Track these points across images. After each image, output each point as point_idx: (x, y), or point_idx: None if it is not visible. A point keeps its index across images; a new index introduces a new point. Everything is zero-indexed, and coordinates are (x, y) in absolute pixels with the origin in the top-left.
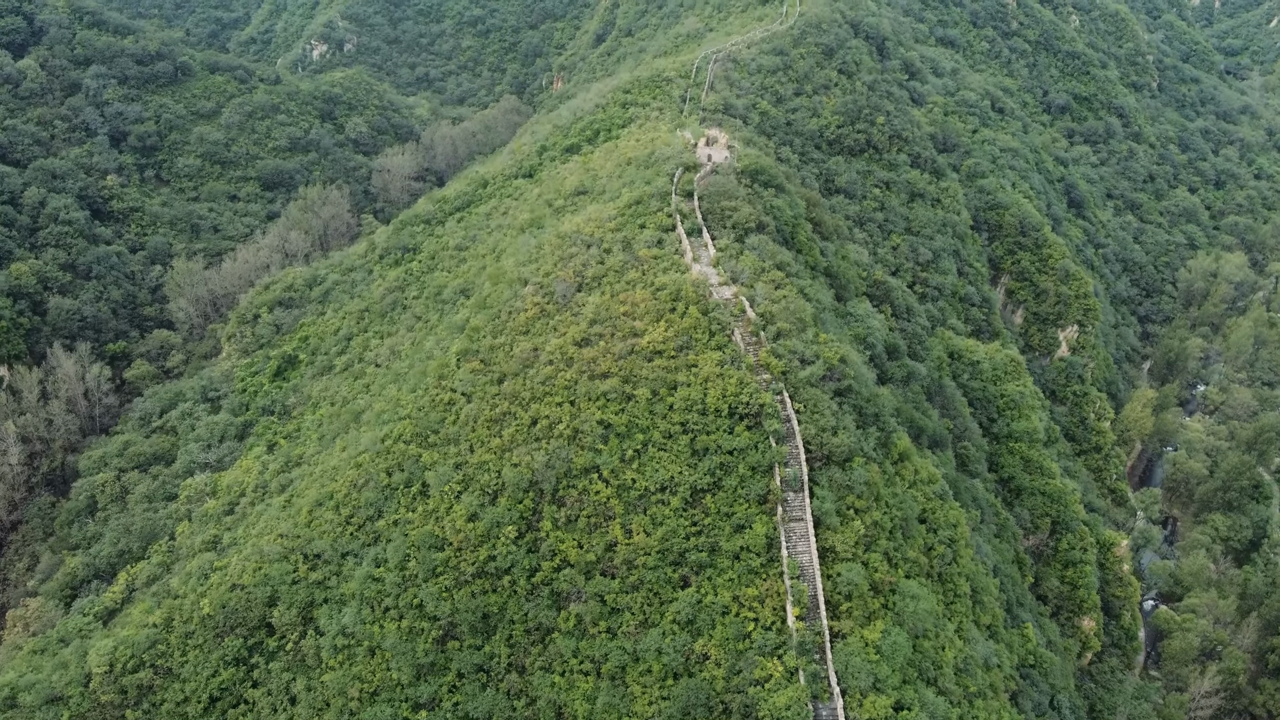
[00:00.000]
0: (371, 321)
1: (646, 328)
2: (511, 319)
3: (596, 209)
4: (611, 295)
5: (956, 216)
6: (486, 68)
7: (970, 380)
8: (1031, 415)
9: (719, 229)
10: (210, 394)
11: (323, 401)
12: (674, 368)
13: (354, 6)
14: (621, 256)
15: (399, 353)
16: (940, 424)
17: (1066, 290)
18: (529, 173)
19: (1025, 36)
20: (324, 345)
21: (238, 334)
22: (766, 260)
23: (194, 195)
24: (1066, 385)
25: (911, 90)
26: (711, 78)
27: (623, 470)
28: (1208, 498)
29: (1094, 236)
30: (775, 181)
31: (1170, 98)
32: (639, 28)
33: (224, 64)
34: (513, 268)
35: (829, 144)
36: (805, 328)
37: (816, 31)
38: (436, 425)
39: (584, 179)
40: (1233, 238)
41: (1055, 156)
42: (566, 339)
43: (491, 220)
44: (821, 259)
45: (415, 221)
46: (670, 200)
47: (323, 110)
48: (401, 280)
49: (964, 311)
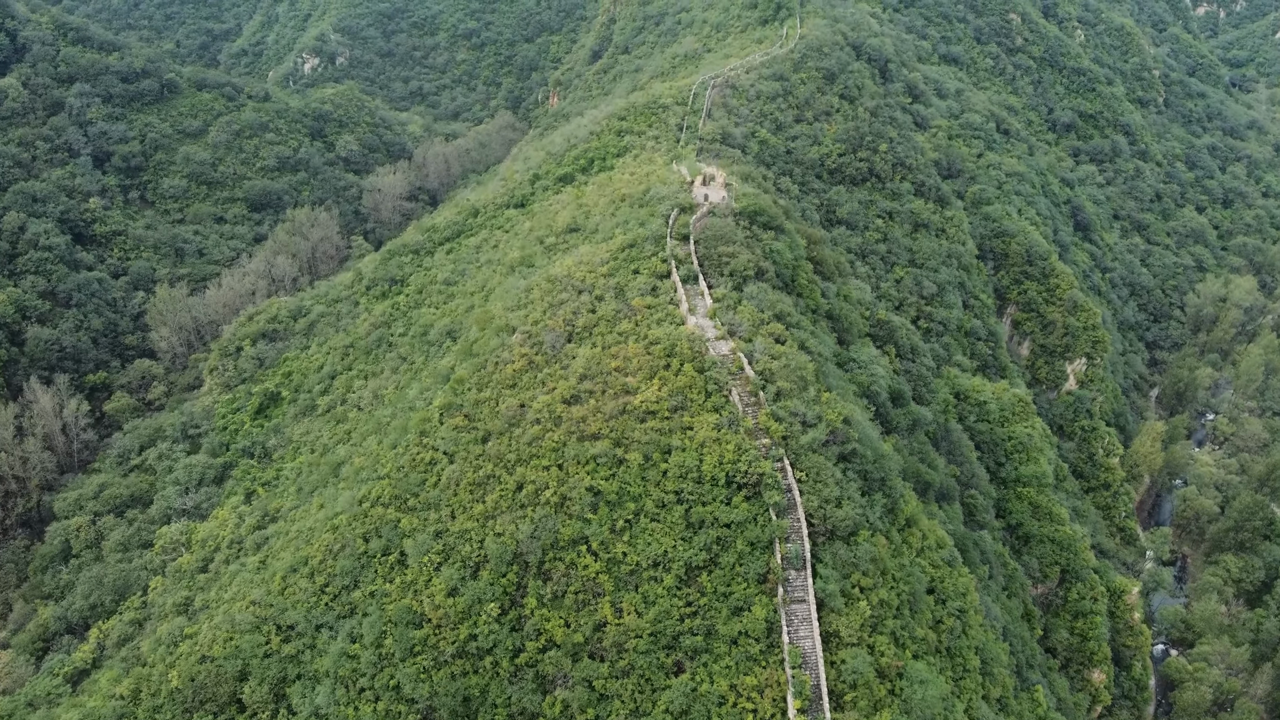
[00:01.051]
0: (356, 359)
1: (639, 385)
2: (498, 370)
3: (589, 250)
4: (603, 348)
5: (962, 247)
6: (481, 81)
7: (977, 422)
8: (1040, 458)
9: (716, 276)
10: (190, 431)
11: (303, 446)
12: (668, 430)
13: (347, 19)
14: (614, 305)
15: (382, 397)
16: (947, 474)
17: (1074, 322)
18: (521, 202)
19: (1030, 53)
20: (307, 383)
21: (220, 367)
22: (765, 310)
23: (179, 217)
24: (1074, 420)
25: (915, 114)
26: (709, 104)
27: (613, 543)
28: (1219, 537)
29: (1101, 261)
30: (775, 223)
31: (1177, 113)
32: (636, 45)
33: (211, 81)
34: (501, 313)
35: (830, 173)
36: (807, 386)
37: (817, 55)
38: (416, 487)
39: (576, 215)
40: (1241, 259)
41: (1061, 178)
42: (555, 396)
43: (481, 254)
44: (823, 301)
45: (403, 251)
46: (665, 244)
47: (313, 128)
48: (388, 315)
49: (970, 346)
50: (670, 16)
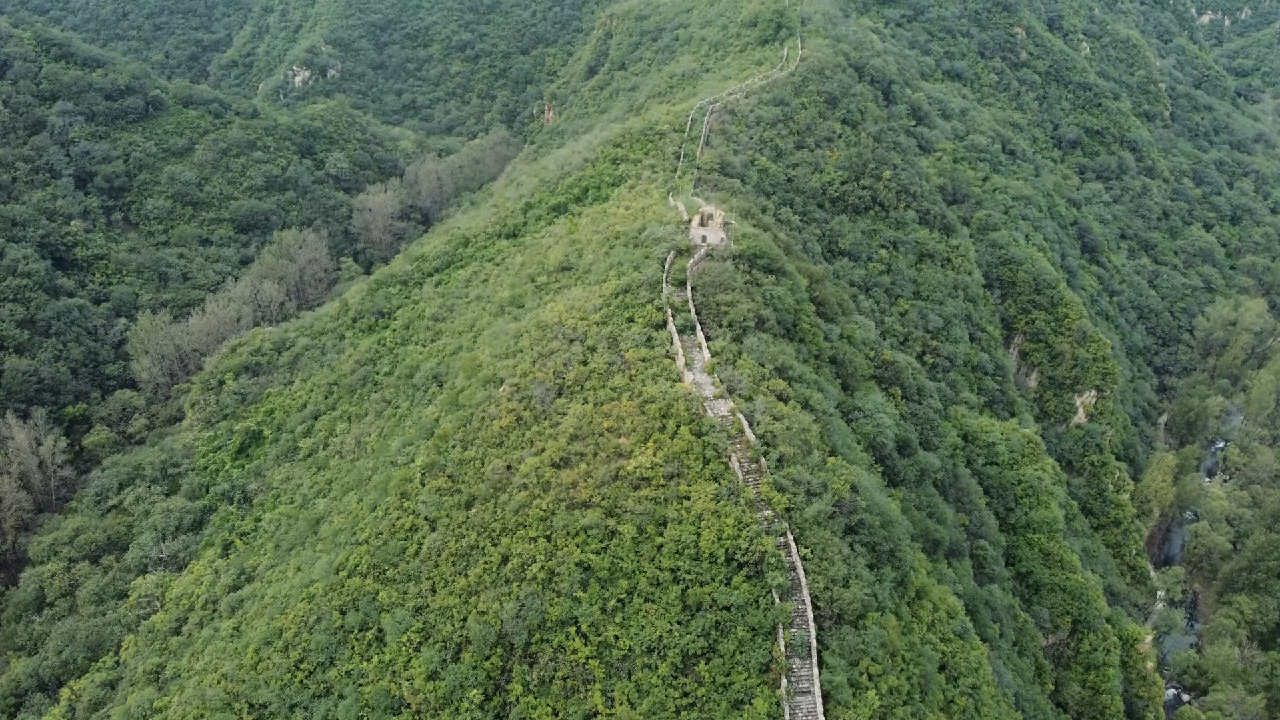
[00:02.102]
0: (340, 398)
1: (633, 448)
2: (484, 426)
3: (581, 294)
4: (594, 405)
5: (968, 277)
6: (476, 94)
7: (986, 465)
8: (1050, 502)
9: (714, 326)
10: (170, 470)
11: (283, 494)
12: (663, 499)
13: (338, 30)
14: (606, 356)
15: (365, 444)
16: (955, 527)
17: (1084, 353)
18: (513, 232)
19: (1035, 68)
20: (289, 422)
21: (201, 401)
22: (767, 364)
23: (163, 239)
24: (1084, 455)
25: (919, 136)
26: (707, 131)
27: (604, 625)
28: (1232, 577)
29: (1108, 284)
30: (776, 265)
31: (1183, 127)
32: (632, 61)
33: (198, 97)
34: (488, 360)
35: (832, 202)
36: (811, 450)
37: (819, 78)
38: (396, 556)
39: (569, 252)
40: (1250, 279)
41: (1067, 198)
42: (544, 458)
43: (471, 288)
44: (826, 345)
45: (391, 282)
46: (661, 290)
47: (302, 145)
48: (373, 352)
49: (977, 382)
50: (668, 33)
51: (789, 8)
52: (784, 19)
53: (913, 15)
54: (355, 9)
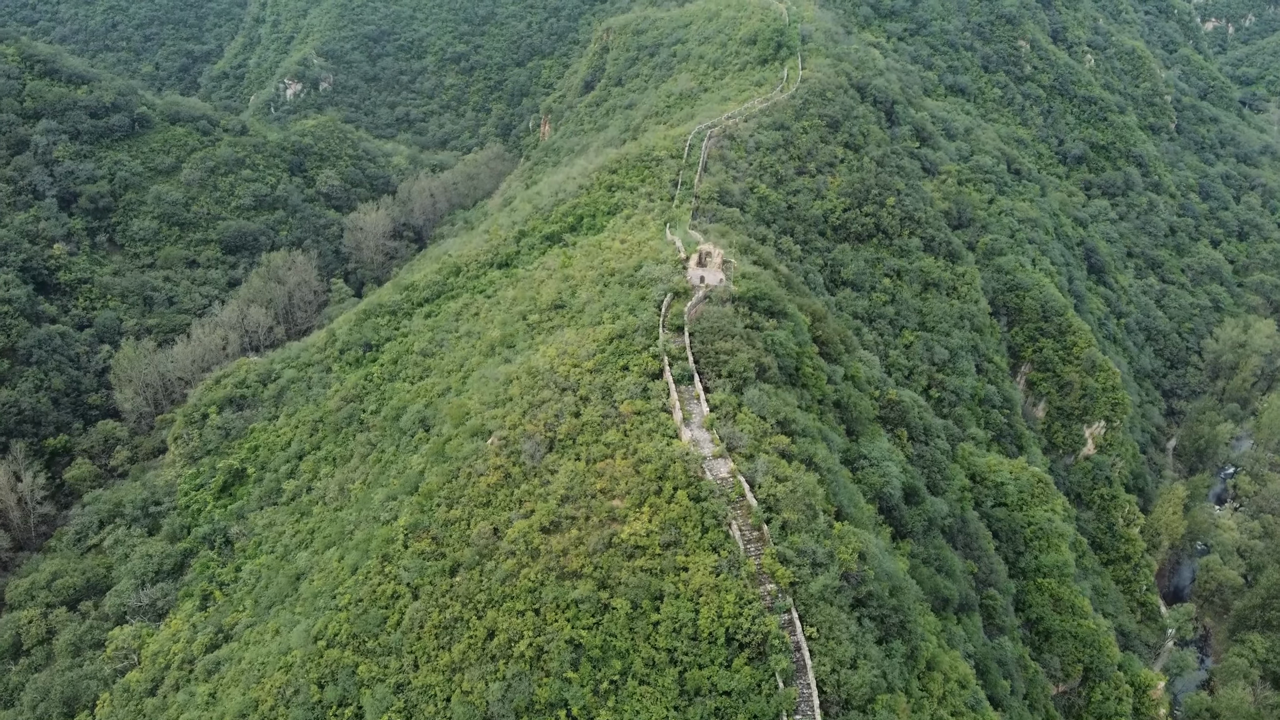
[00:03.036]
0: (325, 436)
1: (627, 512)
2: (470, 483)
3: (574, 337)
4: (587, 463)
5: (974, 306)
6: (470, 107)
7: (994, 507)
8: (1061, 545)
9: (713, 376)
10: (151, 508)
11: (265, 541)
12: (659, 570)
13: (330, 42)
14: (600, 408)
15: (349, 492)
16: (965, 575)
17: (1093, 383)
18: (505, 262)
19: (1039, 81)
20: (273, 461)
21: (184, 435)
22: (768, 417)
23: (149, 262)
24: (1093, 489)
25: (923, 159)
26: (705, 157)
27: (596, 709)
28: (1245, 614)
29: (1116, 305)
30: (777, 307)
31: (1189, 140)
32: (629, 77)
33: (186, 113)
34: (477, 407)
35: (834, 230)
36: (816, 515)
37: (820, 101)
38: (376, 627)
39: (562, 289)
40: (1259, 297)
41: (1074, 216)
42: (533, 522)
43: (461, 322)
44: (829, 389)
45: (380, 312)
46: (657, 335)
47: (292, 162)
48: (360, 388)
49: (984, 415)
50: (665, 48)
51: (789, 26)
52: (784, 38)
53: (915, 29)
54: (348, 20)
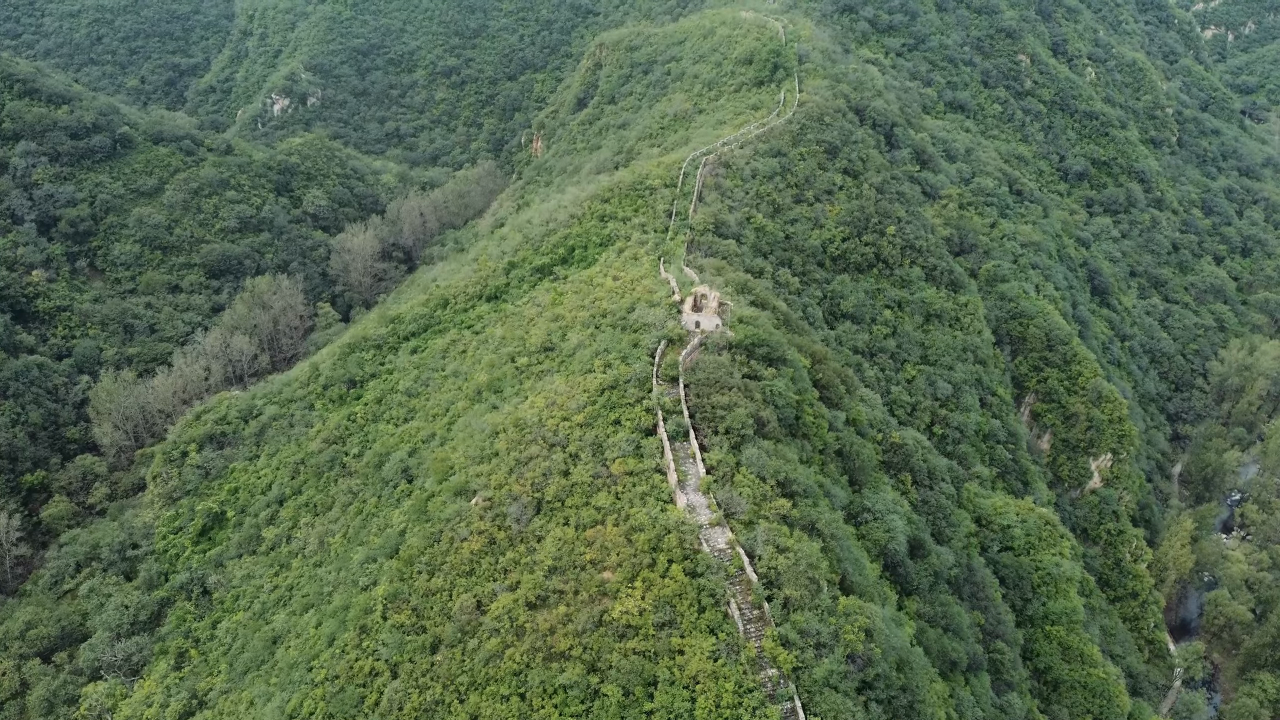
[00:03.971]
0: (306, 480)
1: (619, 587)
2: (453, 549)
3: (564, 386)
4: (575, 528)
5: (978, 338)
6: (462, 122)
7: (1001, 552)
8: (1069, 591)
9: (709, 432)
10: (129, 552)
11: (242, 595)
12: (653, 653)
13: (319, 56)
14: (590, 467)
15: (328, 546)
16: (972, 628)
17: (1099, 414)
18: (494, 294)
19: (1040, 96)
20: (253, 505)
21: (163, 474)
22: (768, 478)
23: (130, 287)
24: (1100, 524)
25: (923, 182)
26: (700, 186)
27: None
28: (1256, 652)
29: (1120, 328)
30: (775, 354)
31: (1191, 153)
32: (623, 95)
33: (169, 133)
34: (461, 462)
35: (833, 260)
36: (819, 589)
37: (818, 126)
38: (352, 709)
39: (552, 330)
40: (1264, 315)
41: (1076, 237)
42: (518, 595)
43: (448, 360)
44: (831, 437)
45: (364, 346)
46: (651, 387)
47: (278, 182)
48: (342, 429)
49: (989, 452)
50: (659, 66)
51: (786, 46)
52: (781, 58)
53: (914, 44)
54: (337, 34)
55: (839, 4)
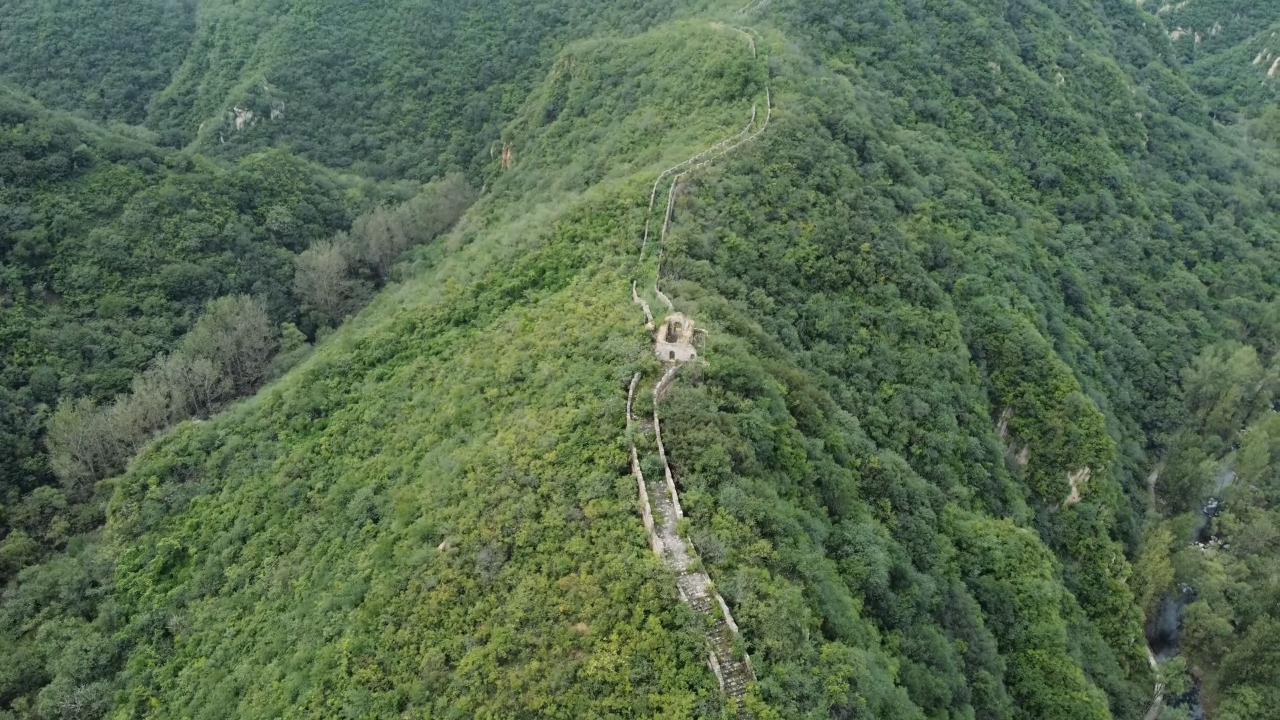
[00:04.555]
0: (270, 515)
1: (594, 639)
2: (420, 600)
3: (534, 421)
4: (548, 577)
5: (954, 354)
6: (429, 133)
7: (982, 575)
8: (1051, 613)
9: (685, 471)
10: (88, 590)
11: (205, 639)
12: (630, 710)
13: (282, 68)
14: (563, 509)
15: (291, 588)
16: (955, 661)
17: (1076, 428)
18: (463, 318)
19: (1010, 104)
20: (215, 542)
21: (123, 508)
22: (747, 518)
23: (89, 311)
24: (1079, 539)
25: (897, 196)
26: (672, 205)
27: None
28: (1237, 666)
29: (1094, 337)
30: (752, 384)
31: (1161, 157)
32: (592, 107)
33: (127, 150)
34: (428, 502)
35: (808, 279)
36: (801, 639)
37: (790, 141)
38: None
39: (522, 359)
40: (1236, 320)
41: (1049, 246)
42: (489, 650)
43: (415, 389)
44: (810, 467)
45: (329, 373)
46: (624, 423)
47: (240, 199)
48: (306, 462)
49: (967, 470)
50: (629, 78)
51: (756, 59)
52: (751, 72)
53: (884, 53)
54: (300, 45)
55: (809, 13)
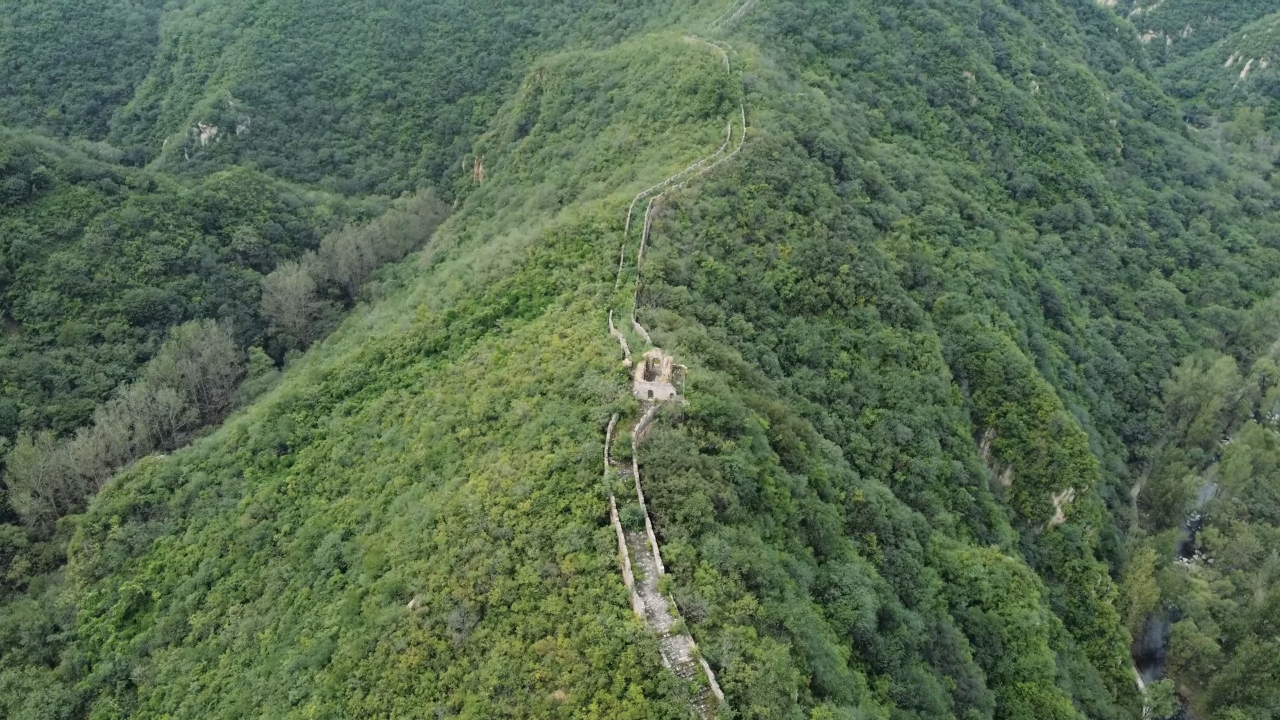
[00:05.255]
0: (235, 559)
1: (572, 709)
2: (389, 663)
3: (508, 467)
4: (524, 640)
5: (936, 376)
6: (399, 147)
7: (969, 608)
8: (1040, 644)
9: (666, 521)
10: (50, 637)
11: (168, 694)
12: None
13: (247, 82)
14: (539, 564)
15: (257, 643)
16: (944, 700)
17: (1060, 449)
18: (433, 348)
19: (986, 113)
20: (179, 586)
21: (84, 549)
22: (731, 572)
23: (49, 339)
24: (1065, 560)
25: (874, 214)
26: (648, 229)
27: None
28: (1225, 687)
29: (1074, 350)
30: (734, 423)
31: (1136, 164)
32: (565, 123)
33: (88, 171)
34: (397, 555)
35: (787, 302)
36: (790, 703)
37: (767, 162)
38: None
39: (495, 396)
40: (1214, 329)
41: (1027, 258)
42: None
43: (384, 425)
44: (794, 506)
45: (296, 406)
46: (603, 467)
47: (205, 220)
48: (273, 502)
49: (952, 495)
50: (601, 93)
51: (730, 75)
52: (726, 89)
53: (859, 64)
54: (265, 58)
55: (782, 25)
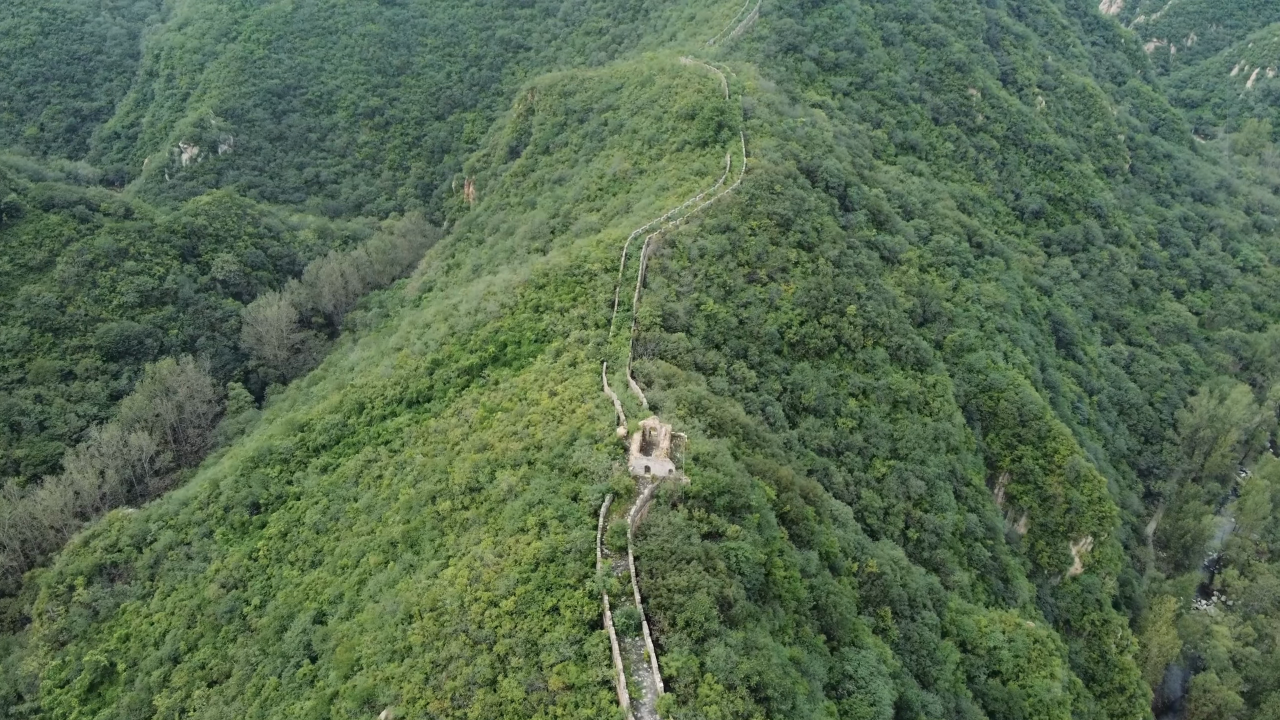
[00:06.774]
0: (203, 632)
1: None
2: None
3: (491, 554)
4: None
5: (949, 423)
6: (387, 166)
7: (988, 680)
8: (1064, 717)
9: (666, 626)
10: (12, 708)
11: None
12: None
13: (230, 99)
14: (524, 673)
15: None
16: None
17: (1077, 495)
18: (416, 398)
19: (992, 132)
20: (145, 661)
21: (49, 611)
22: (739, 685)
23: (18, 376)
24: (1083, 614)
25: (881, 246)
26: (644, 269)
27: None
28: None
29: (1087, 382)
30: (739, 503)
31: (1145, 181)
32: (557, 145)
33: (61, 198)
34: (369, 653)
35: (791, 346)
36: None
37: (768, 196)
38: None
39: (478, 464)
40: (1228, 354)
41: (1037, 285)
42: None
43: (361, 487)
44: (804, 589)
45: (270, 460)
46: (595, 559)
47: (183, 248)
48: (244, 570)
49: (967, 551)
50: (595, 115)
51: (729, 100)
52: (725, 115)
53: (861, 83)
54: (249, 74)
55: (782, 43)
